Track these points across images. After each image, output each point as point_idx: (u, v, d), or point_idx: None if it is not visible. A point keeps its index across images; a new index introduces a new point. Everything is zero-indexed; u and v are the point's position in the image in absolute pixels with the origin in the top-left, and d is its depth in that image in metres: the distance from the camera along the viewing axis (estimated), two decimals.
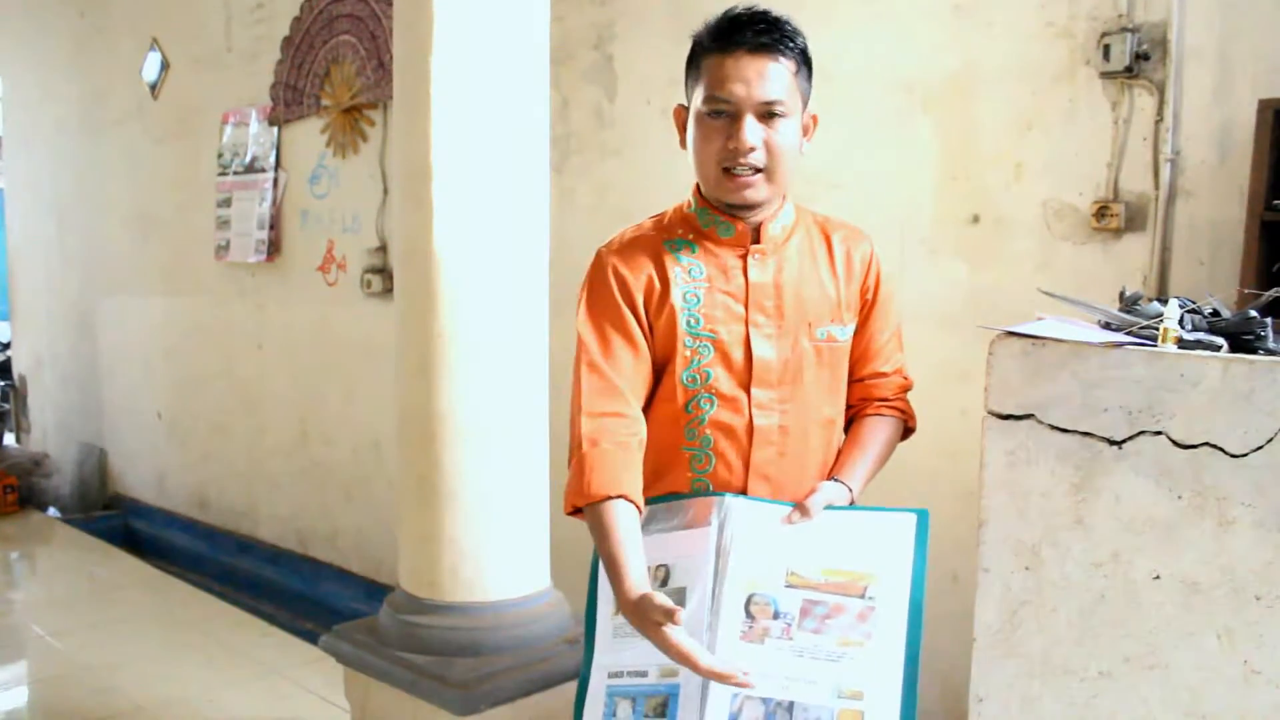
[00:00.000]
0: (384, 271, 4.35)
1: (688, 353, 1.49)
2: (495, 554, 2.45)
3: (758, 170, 1.46)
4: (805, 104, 1.52)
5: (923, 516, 1.46)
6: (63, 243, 6.64)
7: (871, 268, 1.60)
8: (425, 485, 2.43)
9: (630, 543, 1.39)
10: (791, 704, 1.37)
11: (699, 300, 1.50)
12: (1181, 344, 1.33)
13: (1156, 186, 2.44)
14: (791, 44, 1.46)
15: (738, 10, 1.47)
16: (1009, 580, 1.43)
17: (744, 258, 1.52)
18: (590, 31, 3.65)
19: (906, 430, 1.65)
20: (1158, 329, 1.35)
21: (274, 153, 4.94)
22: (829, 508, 1.48)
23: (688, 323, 1.49)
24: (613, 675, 1.47)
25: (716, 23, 1.47)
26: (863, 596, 1.41)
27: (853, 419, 1.62)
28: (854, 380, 1.61)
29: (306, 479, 4.97)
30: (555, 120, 3.33)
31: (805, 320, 1.52)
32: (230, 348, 5.35)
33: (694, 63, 1.50)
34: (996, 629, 1.45)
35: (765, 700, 1.37)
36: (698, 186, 1.56)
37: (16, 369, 7.29)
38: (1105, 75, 2.50)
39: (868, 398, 1.61)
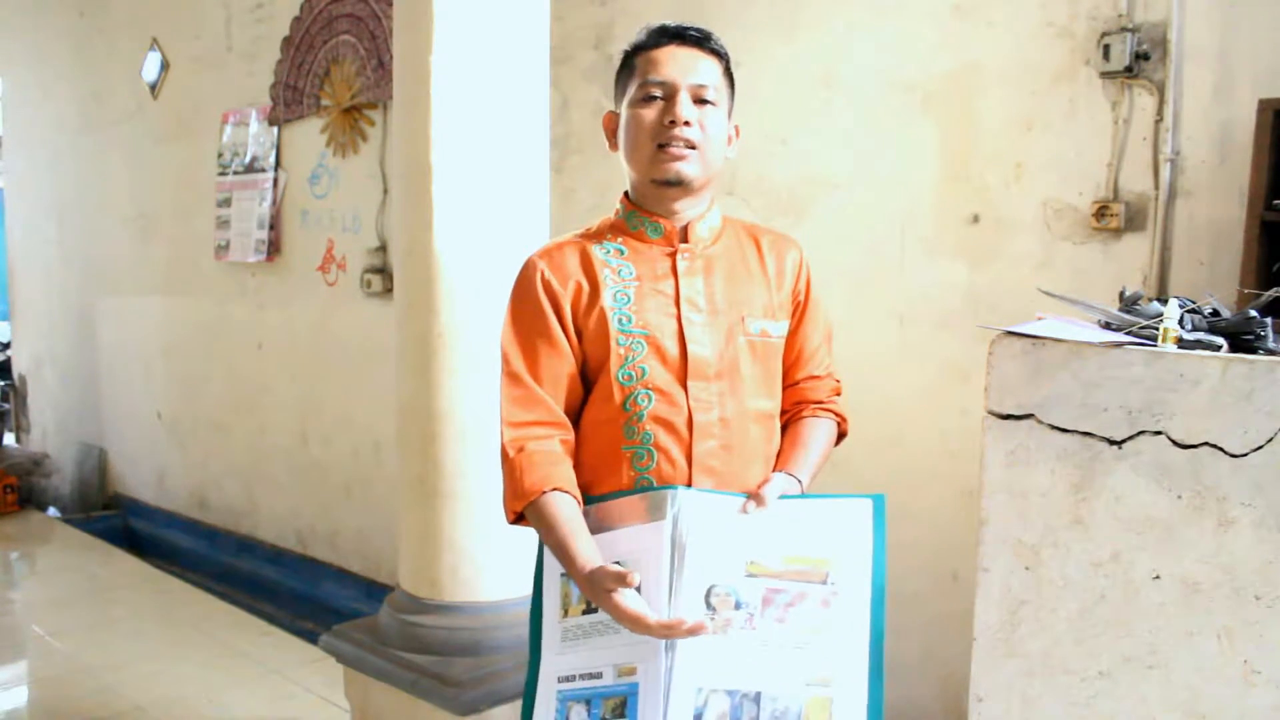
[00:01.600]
0: (384, 271, 4.35)
1: (621, 350, 1.50)
2: (495, 554, 2.45)
3: (692, 147, 1.49)
4: (730, 112, 1.58)
5: (879, 501, 1.45)
6: (63, 243, 6.64)
7: (802, 273, 1.61)
8: (425, 485, 2.43)
9: (575, 525, 1.44)
10: (759, 694, 1.36)
11: (629, 299, 1.51)
12: (1181, 344, 1.33)
13: (1156, 186, 2.44)
14: (719, 48, 1.55)
15: (668, 22, 1.56)
16: (1009, 580, 1.43)
17: (672, 256, 1.54)
18: (590, 31, 3.65)
19: (840, 434, 1.65)
20: (1158, 329, 1.35)
21: (274, 153, 4.94)
22: (783, 496, 1.47)
23: (619, 321, 1.50)
24: (563, 679, 1.45)
25: (647, 30, 1.55)
26: (824, 583, 1.40)
27: (788, 422, 1.62)
28: (787, 385, 1.62)
29: (306, 479, 4.97)
30: (555, 120, 3.33)
31: (738, 315, 1.53)
32: (230, 348, 5.35)
33: (625, 66, 1.57)
34: (996, 629, 1.45)
35: (731, 692, 1.36)
36: (625, 194, 1.60)
37: (16, 369, 7.29)
38: (1105, 75, 2.50)
39: (802, 401, 1.62)
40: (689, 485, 1.48)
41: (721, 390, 1.51)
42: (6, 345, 7.49)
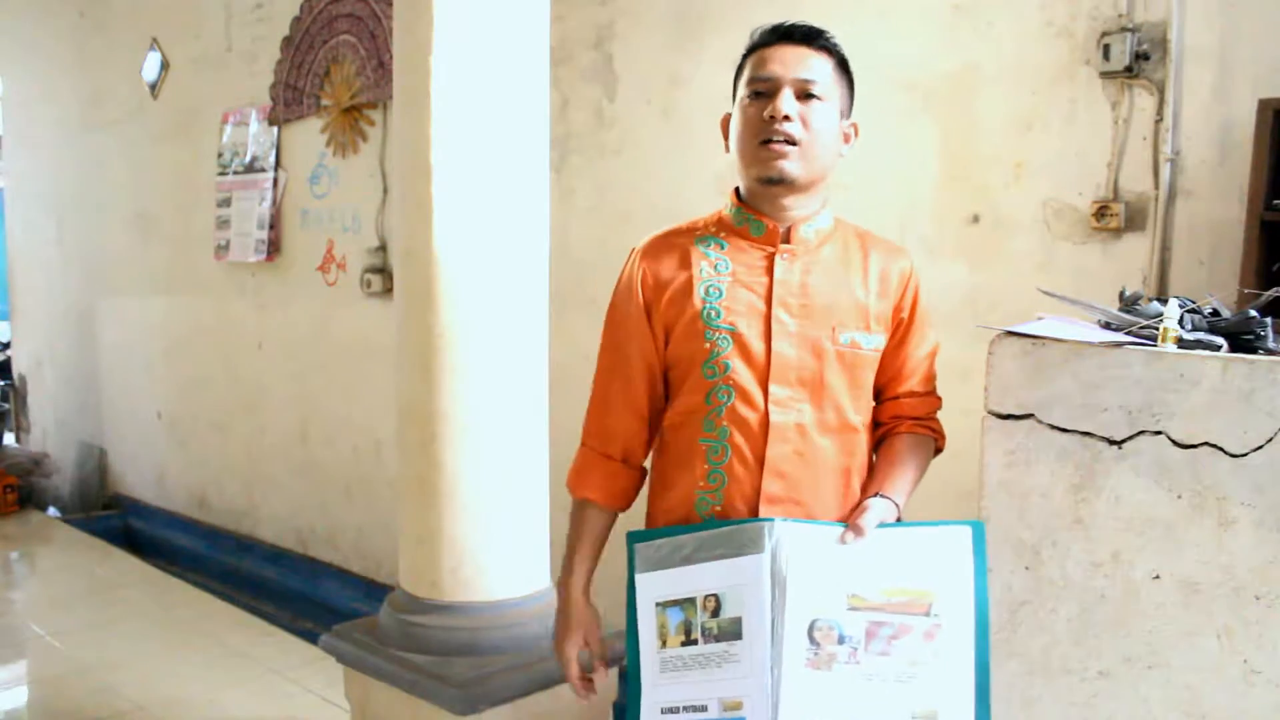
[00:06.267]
0: (384, 271, 4.35)
1: (707, 345, 1.51)
2: (495, 554, 2.45)
3: (793, 144, 1.48)
4: (846, 110, 1.58)
5: (978, 528, 1.43)
6: (63, 243, 6.64)
7: (909, 287, 1.60)
8: (425, 485, 2.43)
9: (590, 539, 1.65)
10: None
11: (721, 294, 1.52)
12: (1181, 344, 1.33)
13: (1156, 186, 2.44)
14: (832, 46, 1.55)
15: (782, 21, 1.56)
16: (1009, 580, 1.43)
17: (771, 256, 1.53)
18: (590, 31, 3.64)
19: (937, 450, 1.65)
20: (1158, 329, 1.35)
21: (274, 152, 4.94)
22: (881, 524, 1.46)
23: (708, 315, 1.51)
24: (666, 711, 1.45)
25: (760, 31, 1.56)
26: (927, 614, 1.39)
27: (885, 436, 1.61)
28: (888, 398, 1.60)
29: (306, 479, 4.97)
30: (555, 120, 3.33)
31: (830, 324, 1.52)
32: (230, 348, 5.35)
33: (739, 67, 1.57)
34: (996, 629, 1.45)
35: None
36: (736, 190, 1.60)
37: (16, 369, 7.28)
38: (1105, 75, 2.50)
39: (900, 416, 1.60)
40: (758, 488, 1.49)
41: (802, 396, 1.50)
42: (6, 345, 7.49)
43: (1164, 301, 1.39)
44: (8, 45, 6.99)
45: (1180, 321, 1.35)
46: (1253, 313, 1.38)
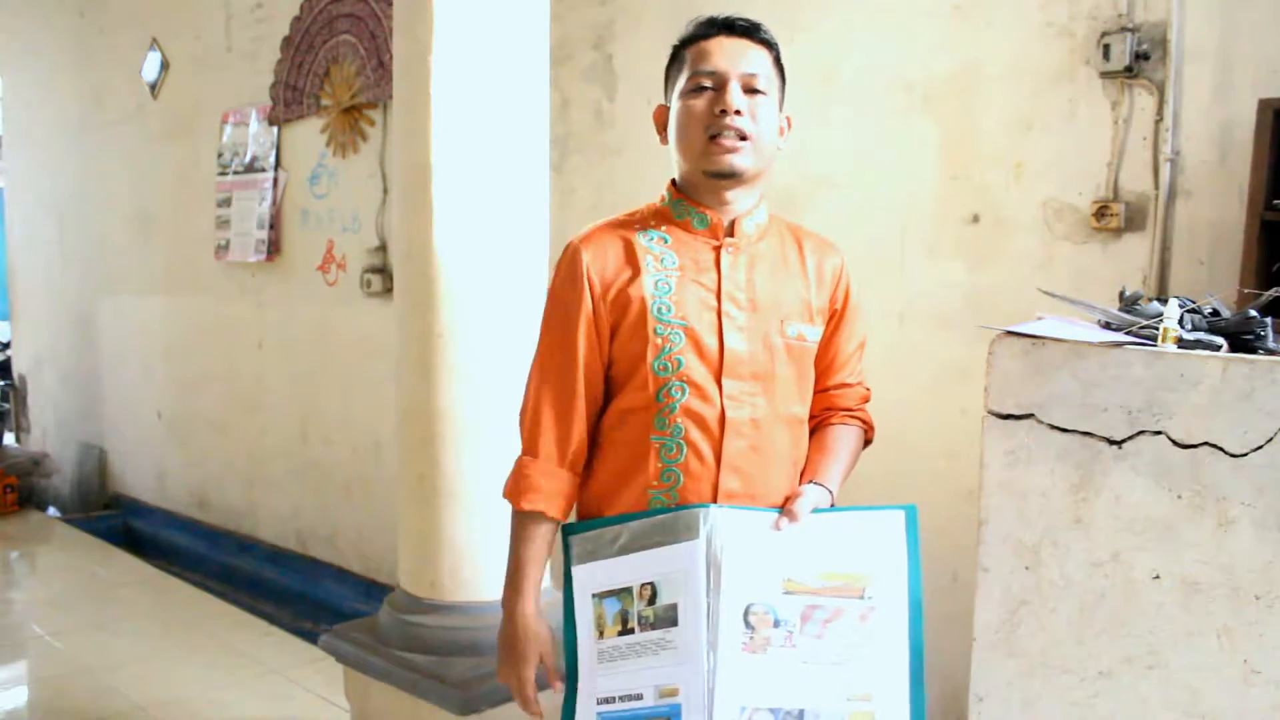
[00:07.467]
0: (384, 271, 4.35)
1: (658, 340, 1.48)
2: (495, 554, 2.44)
3: (744, 138, 1.48)
4: (780, 103, 1.57)
5: (911, 511, 1.45)
6: (63, 243, 6.64)
7: (841, 280, 1.60)
8: (425, 485, 2.44)
9: (537, 558, 1.55)
10: (801, 712, 1.37)
11: (670, 289, 1.50)
12: (1181, 344, 1.33)
13: (1156, 186, 2.44)
14: (769, 38, 1.55)
15: (717, 14, 1.56)
16: (1009, 580, 1.43)
17: (717, 250, 1.53)
18: (590, 31, 3.65)
19: (866, 441, 1.66)
20: (1158, 329, 1.35)
21: (274, 152, 4.94)
22: (815, 510, 1.47)
23: (658, 310, 1.49)
24: (603, 701, 1.45)
25: (695, 22, 1.55)
26: (861, 597, 1.41)
27: (816, 427, 1.62)
28: (818, 390, 1.61)
29: (306, 479, 4.97)
30: (555, 120, 3.33)
31: (777, 316, 1.52)
32: (230, 348, 5.35)
33: (675, 59, 1.57)
34: (996, 629, 1.45)
35: (774, 710, 1.37)
36: (673, 182, 1.59)
37: (16, 369, 7.28)
38: (1105, 75, 2.50)
39: (832, 407, 1.62)
40: (716, 483, 1.48)
41: (755, 390, 1.50)
42: (6, 345, 7.48)
43: (1164, 301, 1.39)
44: (8, 45, 6.99)
45: (1180, 321, 1.35)
46: (1253, 313, 1.38)
